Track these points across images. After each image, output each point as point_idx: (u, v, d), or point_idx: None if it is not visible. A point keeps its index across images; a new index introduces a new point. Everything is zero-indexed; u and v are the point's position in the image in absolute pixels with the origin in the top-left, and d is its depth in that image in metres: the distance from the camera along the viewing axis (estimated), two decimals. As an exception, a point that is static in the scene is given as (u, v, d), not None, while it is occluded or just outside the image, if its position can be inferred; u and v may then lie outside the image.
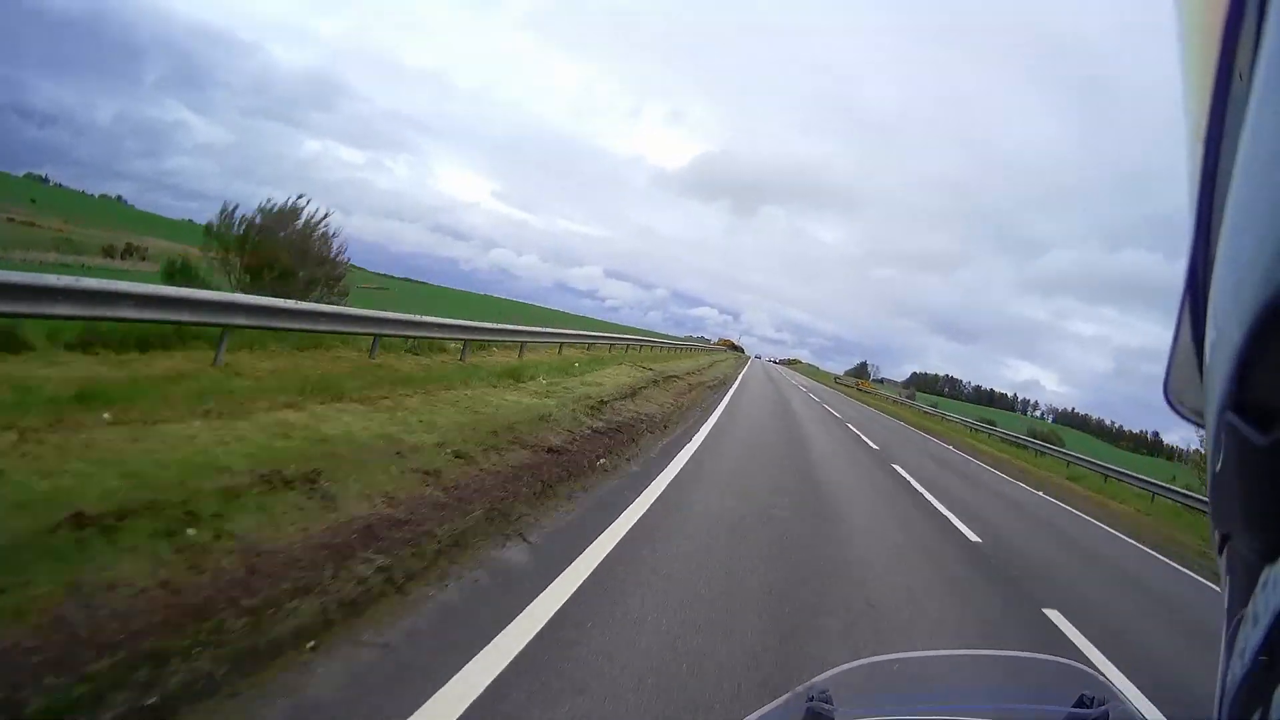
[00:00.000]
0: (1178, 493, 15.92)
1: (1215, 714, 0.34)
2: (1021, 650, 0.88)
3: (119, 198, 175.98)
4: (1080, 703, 0.71)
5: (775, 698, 0.78)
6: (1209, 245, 0.32)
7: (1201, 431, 0.34)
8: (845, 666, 0.82)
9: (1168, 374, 0.40)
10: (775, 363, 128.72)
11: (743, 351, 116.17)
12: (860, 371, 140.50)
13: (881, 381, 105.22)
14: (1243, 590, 0.31)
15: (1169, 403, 0.42)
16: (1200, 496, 14.21)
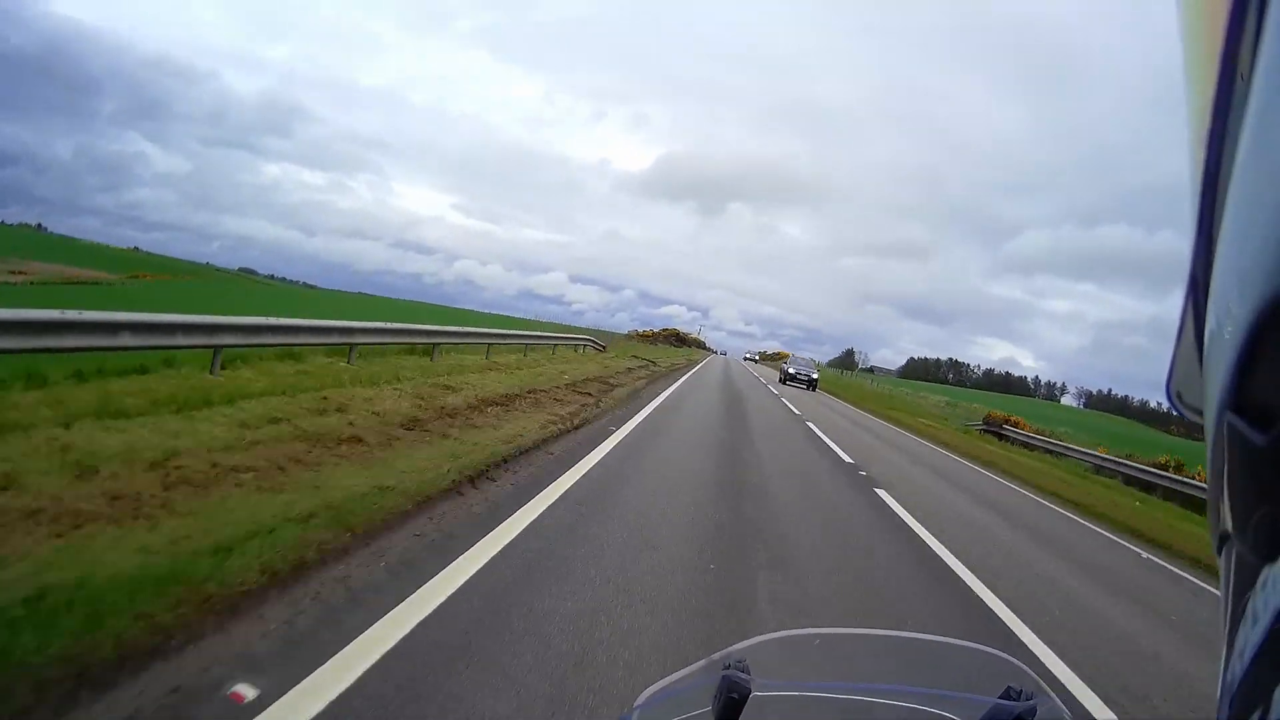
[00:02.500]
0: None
1: (1215, 714, 0.34)
2: (948, 637, 0.88)
3: (38, 225, 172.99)
4: (1007, 694, 0.70)
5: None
6: (1210, 245, 0.33)
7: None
8: (763, 638, 0.82)
9: (1170, 373, 0.41)
10: (749, 359, 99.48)
11: (698, 348, 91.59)
12: (847, 361, 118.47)
13: (871, 371, 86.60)
14: (1242, 590, 0.32)
15: (1171, 402, 0.43)
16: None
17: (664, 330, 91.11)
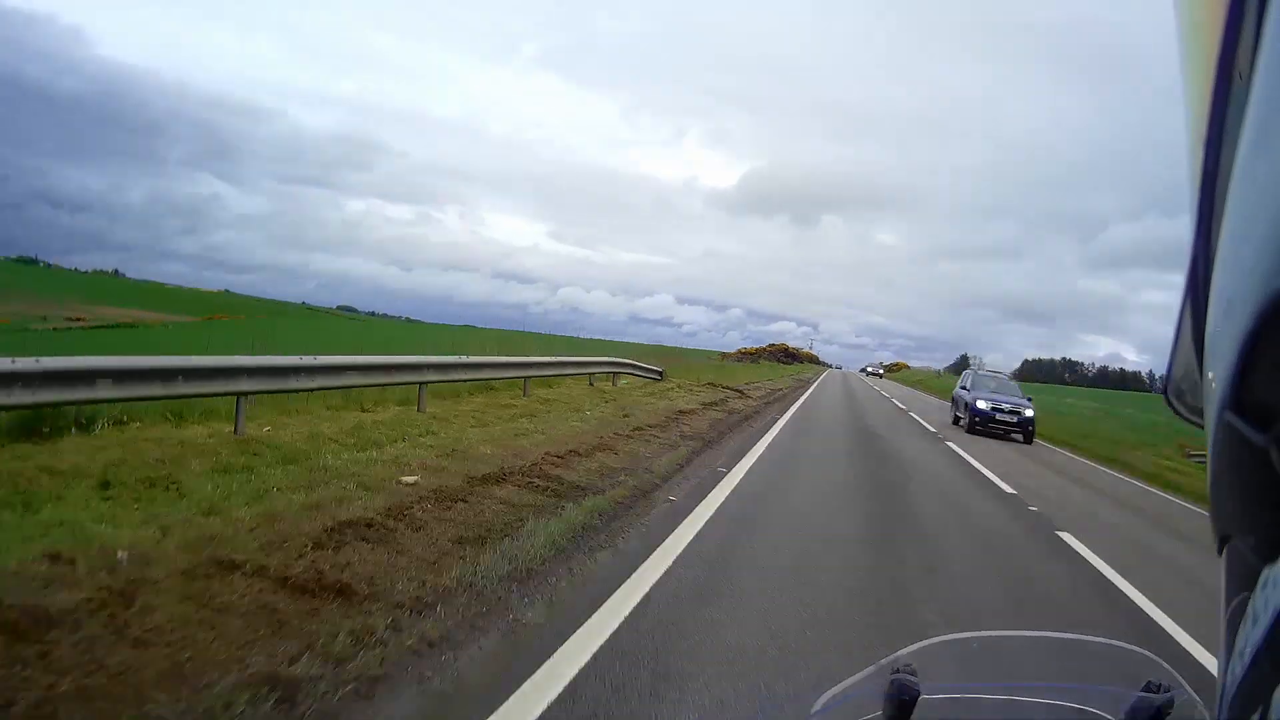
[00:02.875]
0: None
1: (1215, 714, 0.35)
2: (1093, 635, 0.93)
3: (115, 271, 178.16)
4: (1148, 688, 0.75)
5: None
6: (1210, 245, 0.34)
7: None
8: (927, 642, 0.87)
9: (1168, 373, 0.41)
10: (873, 373, 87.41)
11: (811, 363, 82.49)
12: (962, 367, 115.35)
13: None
14: (1243, 590, 0.32)
15: (1169, 402, 0.42)
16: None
17: (770, 346, 78.13)
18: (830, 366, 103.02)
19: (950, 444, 13.25)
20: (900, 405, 24.69)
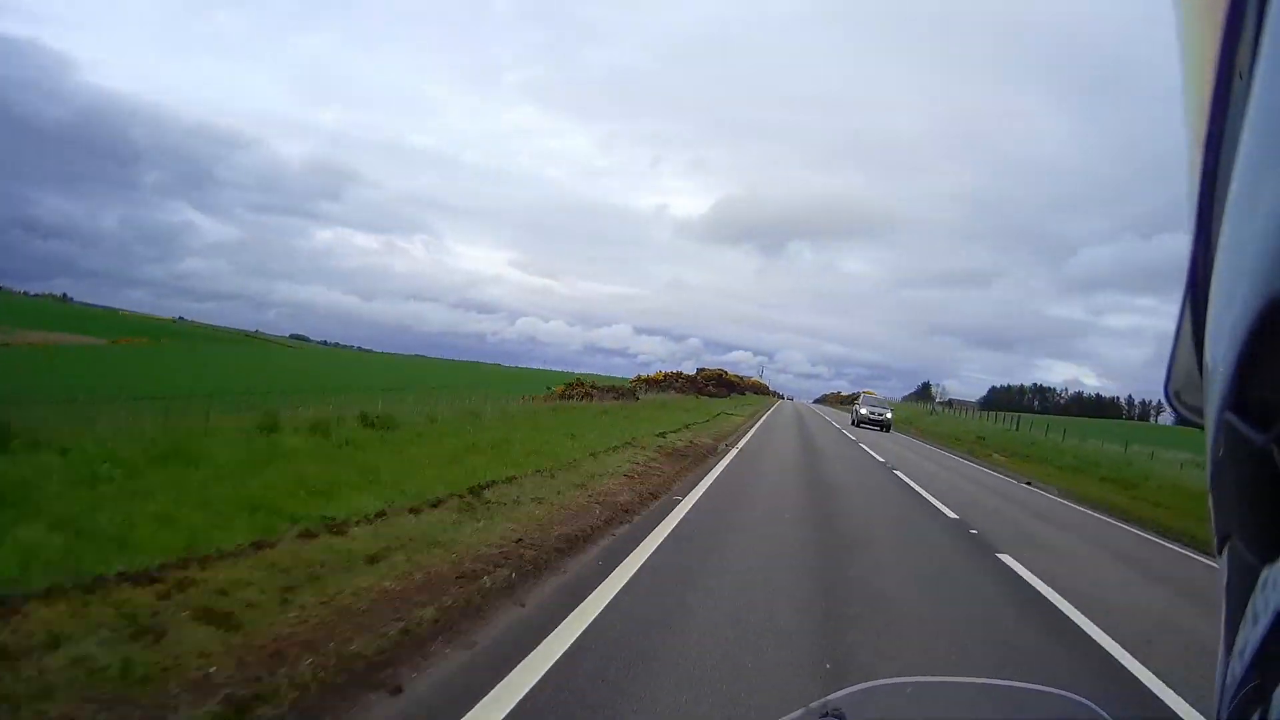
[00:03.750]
0: None
1: (1215, 714, 0.35)
2: (1032, 684, 0.92)
3: (63, 296, 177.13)
4: None
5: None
6: (1209, 245, 0.34)
7: None
8: (860, 686, 0.84)
9: (1168, 374, 0.42)
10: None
11: (757, 394, 70.67)
12: (924, 394, 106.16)
13: (949, 404, 69.48)
14: (1242, 590, 0.32)
15: (1169, 402, 0.43)
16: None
17: (701, 372, 51.53)
18: (781, 398, 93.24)
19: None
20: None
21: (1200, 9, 0.34)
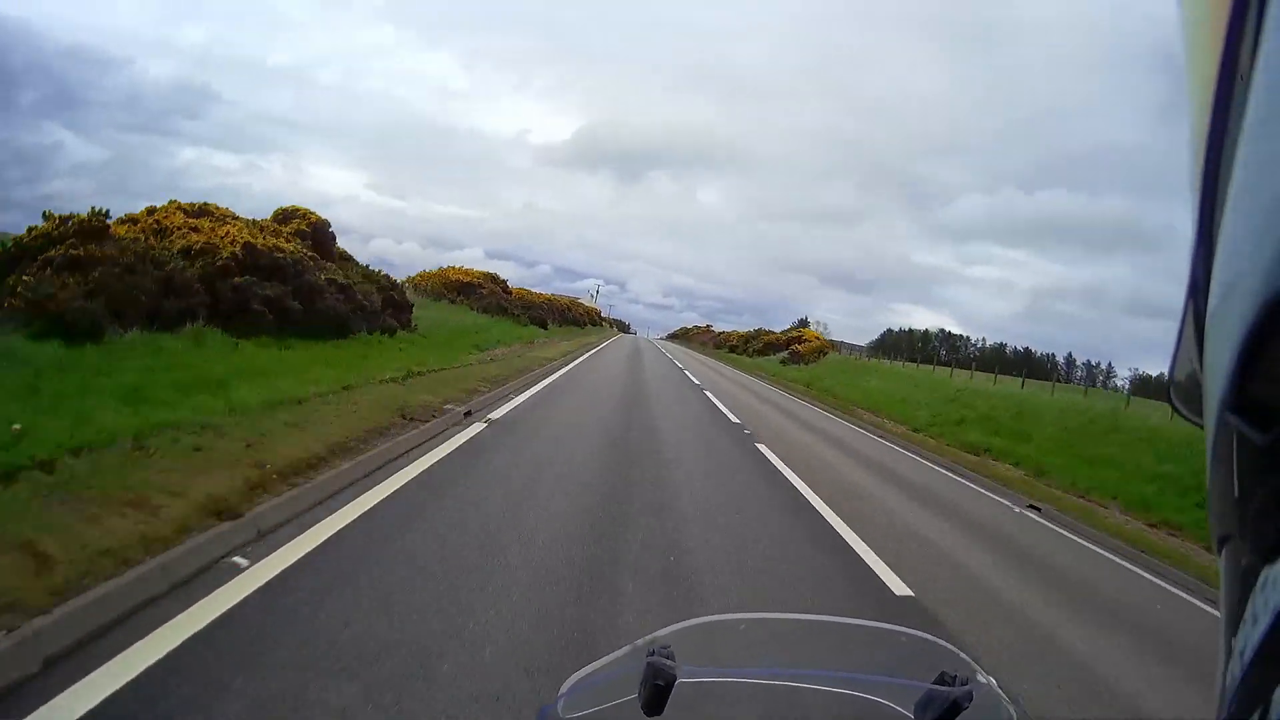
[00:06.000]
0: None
1: (1215, 714, 0.35)
2: (880, 621, 0.88)
3: None
4: (941, 679, 0.71)
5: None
6: (1210, 245, 0.34)
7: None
8: (688, 623, 0.80)
9: (1171, 374, 0.42)
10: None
11: (592, 324, 62.17)
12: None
13: (834, 345, 51.55)
14: (1242, 590, 0.32)
15: (1173, 403, 0.43)
16: None
17: (483, 274, 35.37)
18: (625, 331, 77.23)
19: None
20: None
21: (1200, 9, 0.34)
